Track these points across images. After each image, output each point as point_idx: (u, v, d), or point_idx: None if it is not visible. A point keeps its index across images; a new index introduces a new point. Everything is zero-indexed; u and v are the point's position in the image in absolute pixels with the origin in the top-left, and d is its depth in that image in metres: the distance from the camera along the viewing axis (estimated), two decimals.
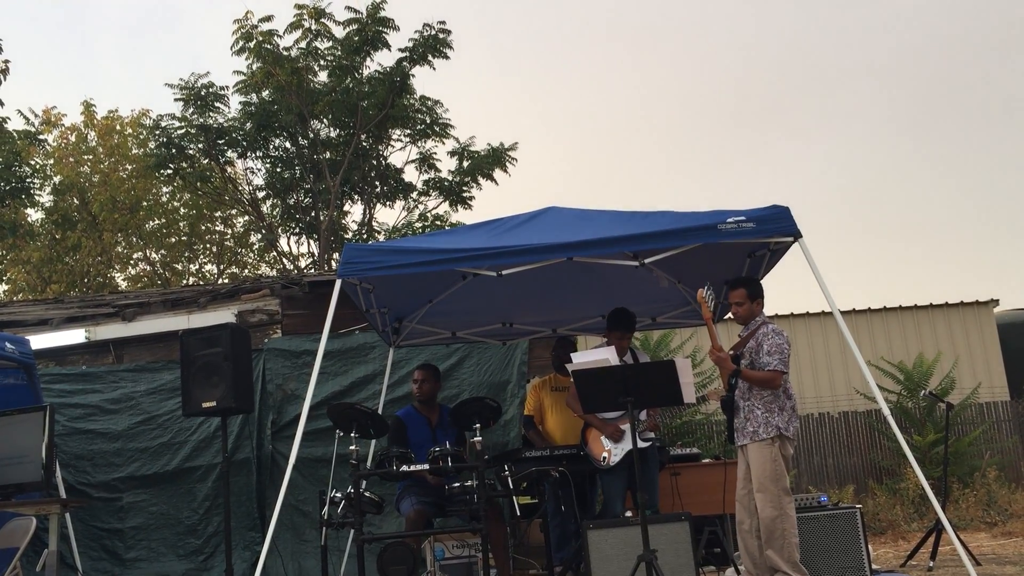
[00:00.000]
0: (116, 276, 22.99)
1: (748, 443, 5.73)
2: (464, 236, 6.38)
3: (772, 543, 5.56)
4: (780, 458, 5.65)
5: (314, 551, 7.97)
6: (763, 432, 5.67)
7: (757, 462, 5.66)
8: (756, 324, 5.92)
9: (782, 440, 5.69)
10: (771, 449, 5.64)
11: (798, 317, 13.69)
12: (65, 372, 8.91)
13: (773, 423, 5.68)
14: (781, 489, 5.59)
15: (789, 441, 5.73)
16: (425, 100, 19.41)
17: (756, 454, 5.67)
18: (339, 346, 8.70)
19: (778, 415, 5.70)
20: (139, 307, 9.88)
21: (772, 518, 5.55)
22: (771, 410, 5.70)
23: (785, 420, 5.70)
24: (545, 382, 7.66)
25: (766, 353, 5.74)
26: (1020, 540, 8.30)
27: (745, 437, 5.76)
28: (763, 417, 5.70)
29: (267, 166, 20.10)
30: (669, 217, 6.05)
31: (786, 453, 5.70)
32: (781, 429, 5.67)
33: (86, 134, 22.65)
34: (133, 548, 8.33)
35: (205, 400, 6.72)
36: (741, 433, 5.79)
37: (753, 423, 5.73)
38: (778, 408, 5.71)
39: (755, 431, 5.70)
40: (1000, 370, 13.49)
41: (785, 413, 5.72)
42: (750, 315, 5.94)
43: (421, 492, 6.40)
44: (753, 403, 5.76)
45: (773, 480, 5.59)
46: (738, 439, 5.83)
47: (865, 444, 11.79)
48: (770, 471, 5.61)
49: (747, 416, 5.77)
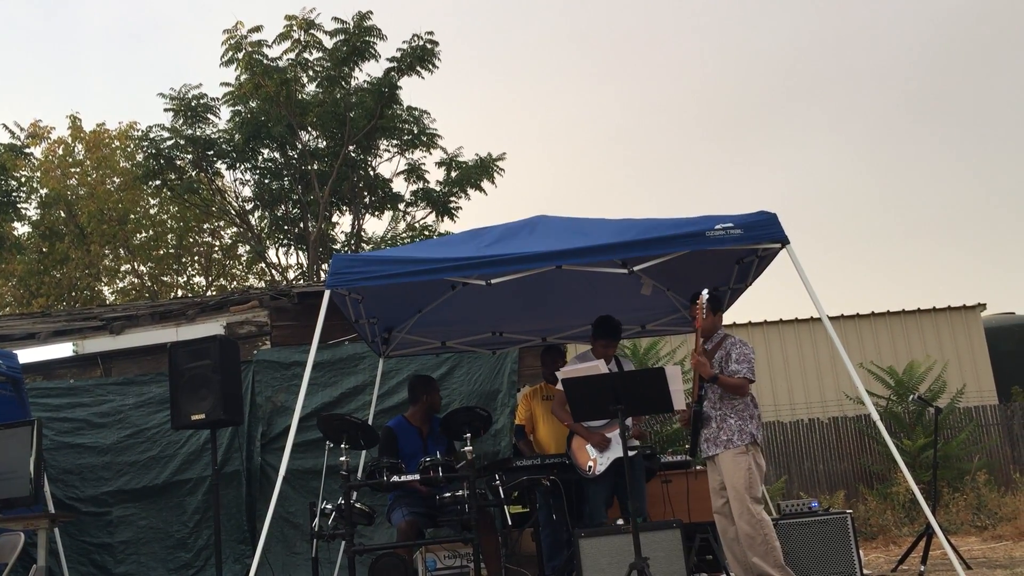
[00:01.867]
0: (104, 289, 22.91)
1: (721, 452, 5.78)
2: (453, 245, 6.38)
3: (755, 550, 5.60)
4: (754, 466, 5.71)
5: (305, 563, 7.94)
6: (738, 439, 5.74)
7: (731, 471, 5.70)
8: (720, 336, 6.04)
9: (756, 448, 5.75)
10: (745, 458, 5.70)
11: (787, 323, 13.74)
12: (53, 386, 8.86)
13: (748, 431, 5.76)
14: (753, 499, 5.66)
15: (760, 449, 5.78)
16: (412, 111, 19.43)
17: (731, 463, 5.72)
18: (328, 357, 8.68)
19: (751, 422, 5.80)
20: (127, 320, 9.83)
21: (752, 526, 5.60)
22: (743, 418, 5.79)
23: (756, 427, 5.81)
24: (536, 391, 7.65)
25: (735, 362, 5.83)
26: (1010, 544, 8.32)
27: (718, 447, 5.79)
28: (737, 425, 5.77)
29: (255, 177, 20.07)
30: (657, 224, 6.06)
31: (760, 461, 5.75)
32: (755, 436, 5.75)
33: (73, 147, 22.59)
34: (123, 562, 8.28)
35: (194, 413, 6.70)
36: (713, 443, 5.83)
37: (727, 432, 5.78)
38: (749, 416, 5.81)
39: (729, 439, 5.75)
40: (988, 374, 13.56)
41: (755, 420, 5.83)
42: (713, 327, 6.03)
43: (412, 503, 6.38)
44: (726, 412, 5.82)
45: (747, 488, 5.65)
46: (708, 449, 5.87)
47: (855, 449, 11.82)
48: (744, 480, 5.65)
49: (719, 425, 5.82)
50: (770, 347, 13.64)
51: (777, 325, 13.69)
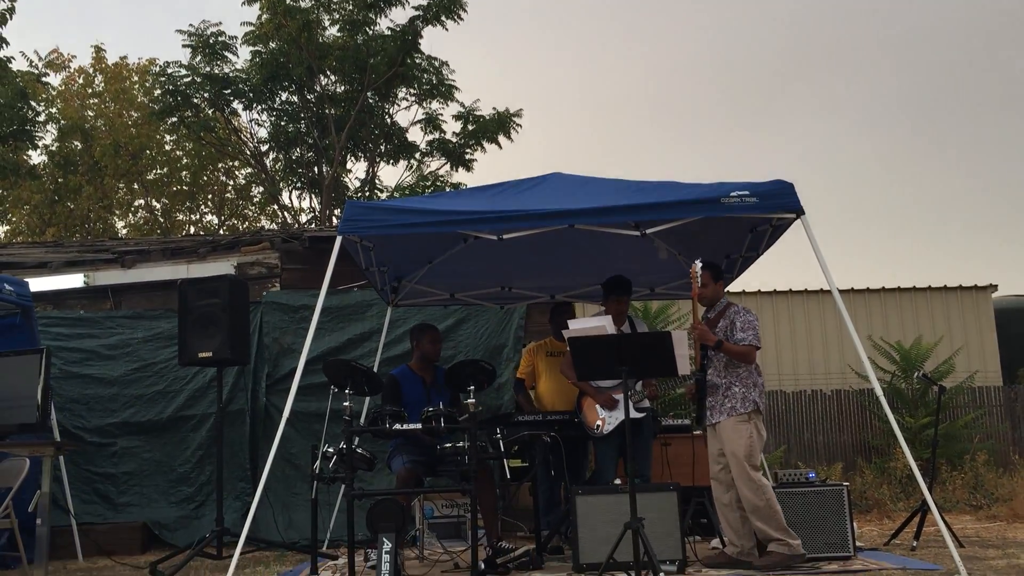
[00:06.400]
0: (116, 222, 22.97)
1: (724, 419, 5.79)
2: (467, 199, 6.37)
3: (758, 515, 5.64)
4: (755, 434, 5.73)
5: (304, 504, 8.04)
6: (741, 407, 5.75)
7: (733, 438, 5.73)
8: (723, 305, 6.02)
9: (758, 416, 5.78)
10: (747, 426, 5.73)
11: (796, 294, 13.70)
12: (63, 316, 8.93)
13: (751, 398, 5.77)
14: (752, 466, 5.69)
15: (761, 418, 5.81)
16: (432, 60, 19.26)
17: (732, 430, 5.74)
18: (337, 302, 8.71)
19: (754, 390, 5.81)
20: (138, 255, 9.87)
21: (754, 492, 5.63)
22: (748, 386, 5.80)
23: (759, 395, 5.82)
24: (541, 346, 7.68)
25: (740, 330, 5.82)
26: (1004, 524, 8.36)
27: (722, 414, 5.81)
28: (741, 393, 5.78)
29: (272, 119, 20.00)
30: (673, 188, 6.03)
31: (761, 430, 5.78)
32: (758, 404, 5.77)
33: (94, 77, 22.51)
34: (125, 493, 8.41)
35: (201, 350, 6.74)
36: (718, 410, 5.84)
37: (731, 399, 5.79)
38: (752, 384, 5.83)
39: (733, 407, 5.77)
40: (995, 355, 13.52)
41: (758, 388, 5.85)
42: (715, 297, 6.03)
43: (413, 451, 6.44)
44: (731, 380, 5.83)
45: (747, 456, 5.67)
46: (712, 416, 5.88)
47: (856, 423, 11.84)
48: (746, 447, 5.68)
49: (724, 393, 5.83)
50: (778, 317, 13.61)
51: (786, 295, 13.65)
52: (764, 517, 5.63)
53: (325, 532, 7.59)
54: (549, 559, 6.36)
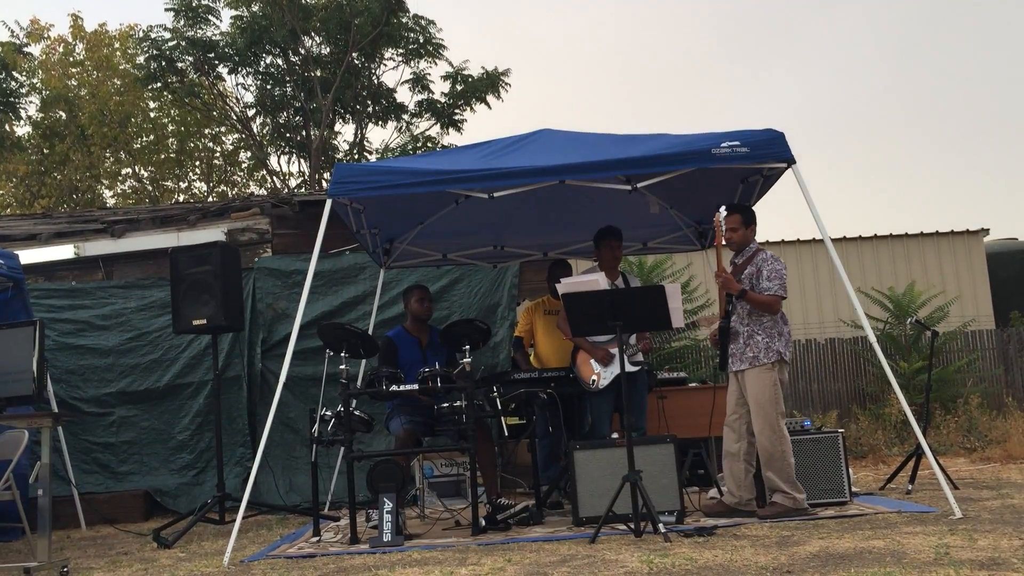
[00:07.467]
0: (105, 192, 22.81)
1: (747, 368, 5.75)
2: (456, 157, 6.32)
3: (771, 465, 5.65)
4: (778, 383, 5.70)
5: (304, 467, 8.09)
6: (764, 357, 5.69)
7: (756, 387, 5.69)
8: (751, 251, 5.91)
9: (781, 365, 5.75)
10: (771, 374, 5.69)
11: (788, 244, 13.71)
12: (54, 287, 8.91)
13: (775, 348, 5.71)
14: (778, 413, 5.66)
15: (786, 366, 5.80)
16: (419, 19, 19.06)
17: (755, 379, 5.70)
18: (329, 266, 8.70)
19: (779, 340, 5.74)
20: (128, 224, 9.82)
21: (772, 442, 5.62)
22: (772, 335, 5.73)
23: (784, 345, 5.75)
24: (538, 305, 7.66)
25: (766, 279, 5.73)
26: (998, 465, 8.45)
27: (744, 363, 5.77)
28: (764, 343, 5.72)
29: (257, 83, 19.81)
30: (663, 141, 6.00)
31: (783, 378, 5.76)
32: (782, 354, 5.72)
33: (73, 46, 22.22)
34: (125, 462, 8.45)
35: (195, 318, 6.72)
36: (739, 359, 5.79)
37: (754, 348, 5.74)
38: (777, 333, 5.75)
39: (756, 356, 5.72)
40: (987, 299, 13.59)
41: (783, 338, 5.76)
42: (744, 241, 5.92)
43: (411, 412, 6.46)
44: (754, 328, 5.77)
45: (772, 404, 5.65)
46: (734, 364, 5.84)
47: (850, 371, 11.92)
48: (770, 395, 5.66)
49: (747, 342, 5.77)
50: None
51: (778, 245, 13.66)
52: (776, 468, 5.63)
53: (326, 494, 7.65)
54: (549, 514, 6.42)
